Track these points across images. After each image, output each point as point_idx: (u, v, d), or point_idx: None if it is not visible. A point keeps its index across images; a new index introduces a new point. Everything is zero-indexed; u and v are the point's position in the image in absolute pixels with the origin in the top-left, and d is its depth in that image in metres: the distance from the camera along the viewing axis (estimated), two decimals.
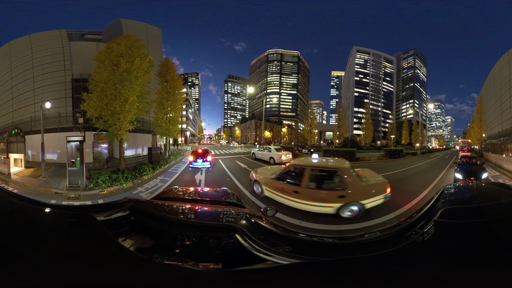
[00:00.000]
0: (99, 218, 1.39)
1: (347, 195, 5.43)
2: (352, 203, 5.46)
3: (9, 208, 1.31)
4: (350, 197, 5.43)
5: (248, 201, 6.72)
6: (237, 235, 1.30)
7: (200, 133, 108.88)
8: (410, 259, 0.99)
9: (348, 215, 5.50)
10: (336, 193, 5.50)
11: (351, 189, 5.49)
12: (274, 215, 2.53)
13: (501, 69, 38.46)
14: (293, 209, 5.97)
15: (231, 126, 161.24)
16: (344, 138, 55.56)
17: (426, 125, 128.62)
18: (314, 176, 5.88)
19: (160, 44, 30.44)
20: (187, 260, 1.17)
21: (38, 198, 2.94)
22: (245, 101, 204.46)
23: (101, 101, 11.70)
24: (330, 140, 73.52)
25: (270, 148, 19.15)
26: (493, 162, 21.31)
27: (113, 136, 12.22)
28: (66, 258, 0.92)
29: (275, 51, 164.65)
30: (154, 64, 14.99)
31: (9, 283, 0.72)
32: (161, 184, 10.24)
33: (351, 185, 5.55)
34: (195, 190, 3.31)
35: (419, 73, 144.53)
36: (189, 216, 1.92)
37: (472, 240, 1.03)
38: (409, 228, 1.27)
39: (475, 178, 9.48)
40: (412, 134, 76.23)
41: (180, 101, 21.07)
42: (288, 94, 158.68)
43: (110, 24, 26.30)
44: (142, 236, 1.41)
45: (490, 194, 1.95)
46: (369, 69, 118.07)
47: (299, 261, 1.10)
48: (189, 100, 77.46)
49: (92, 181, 9.58)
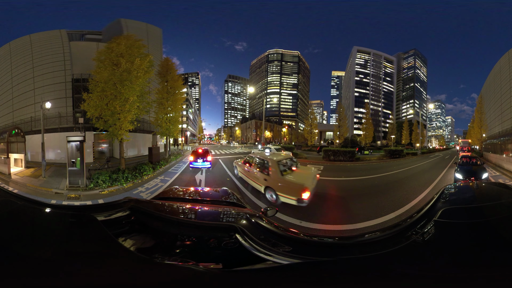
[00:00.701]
0: (99, 218, 1.39)
1: (268, 180, 7.15)
2: (270, 188, 6.98)
3: (9, 208, 1.31)
4: (268, 183, 7.08)
5: (248, 201, 6.73)
6: (238, 235, 1.30)
7: (201, 133, 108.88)
8: (410, 259, 0.99)
9: (268, 197, 7.08)
10: (263, 176, 7.37)
11: (271, 177, 7.06)
12: (274, 215, 2.53)
13: (501, 69, 38.44)
14: (294, 209, 6.10)
15: (232, 126, 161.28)
16: (345, 138, 55.48)
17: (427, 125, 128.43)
18: (257, 162, 8.29)
19: (160, 44, 30.44)
20: (188, 260, 1.17)
21: (38, 198, 2.95)
22: (245, 101, 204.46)
23: (101, 101, 11.70)
24: (330, 140, 73.50)
25: (270, 148, 19.13)
26: (493, 162, 21.30)
27: (113, 136, 12.23)
28: (66, 258, 0.92)
29: (275, 51, 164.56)
30: (154, 64, 14.99)
31: (9, 283, 0.72)
32: (161, 184, 10.25)
33: (272, 174, 7.08)
34: (196, 190, 3.31)
35: (419, 73, 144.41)
36: (189, 216, 1.92)
37: (473, 240, 1.03)
38: (409, 228, 1.26)
39: (475, 178, 9.47)
40: (412, 134, 76.20)
41: (180, 101, 21.06)
42: (289, 94, 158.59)
43: (110, 24, 26.33)
44: (142, 236, 1.41)
45: (491, 194, 1.95)
46: (369, 69, 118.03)
47: (299, 261, 1.10)
48: (189, 100, 77.47)
49: (93, 181, 9.59)
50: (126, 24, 24.63)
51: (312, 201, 6.45)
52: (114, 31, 22.56)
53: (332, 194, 8.45)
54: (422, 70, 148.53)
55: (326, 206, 6.85)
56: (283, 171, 7.13)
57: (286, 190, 6.44)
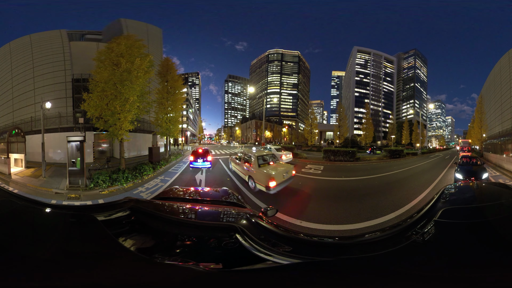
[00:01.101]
0: (99, 218, 1.39)
1: (249, 170, 8.93)
2: (251, 177, 8.74)
3: (10, 208, 1.31)
4: (250, 173, 8.85)
5: (248, 201, 6.73)
6: (238, 235, 1.30)
7: (201, 133, 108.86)
8: (410, 259, 0.99)
9: (250, 184, 8.86)
10: (247, 167, 9.22)
11: (251, 168, 8.75)
12: (274, 215, 2.53)
13: (502, 70, 38.44)
14: (293, 209, 6.14)
15: (232, 126, 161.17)
16: (345, 138, 55.51)
17: (427, 125, 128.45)
18: (244, 157, 10.01)
19: (160, 44, 30.45)
20: (188, 260, 1.17)
21: (38, 198, 2.95)
22: (245, 101, 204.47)
23: (102, 101, 11.71)
24: (330, 140, 73.52)
25: (270, 148, 19.06)
26: (494, 162, 21.29)
27: (113, 136, 12.23)
28: (66, 258, 0.92)
29: (275, 51, 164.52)
30: (154, 64, 14.99)
31: (10, 283, 0.72)
32: (161, 184, 10.25)
33: (252, 166, 8.77)
34: (196, 190, 3.31)
35: (419, 73, 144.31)
36: (189, 216, 1.93)
37: (473, 240, 1.03)
38: (410, 228, 1.26)
39: (475, 178, 9.46)
40: (412, 134, 76.21)
41: (180, 101, 21.06)
42: (289, 94, 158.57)
43: (110, 24, 26.32)
44: (142, 236, 1.41)
45: (491, 194, 1.95)
46: (369, 69, 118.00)
47: (299, 261, 1.10)
48: (189, 100, 77.49)
49: (93, 181, 9.59)
50: (126, 24, 24.64)
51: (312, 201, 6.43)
52: (114, 31, 22.57)
53: (336, 195, 8.45)
54: (422, 70, 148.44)
55: (327, 206, 6.86)
56: (261, 164, 8.80)
57: (259, 179, 8.06)
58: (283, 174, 8.17)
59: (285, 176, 8.30)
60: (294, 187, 9.10)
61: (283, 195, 7.81)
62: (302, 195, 8.10)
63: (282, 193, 7.98)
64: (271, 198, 7.39)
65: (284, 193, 8.01)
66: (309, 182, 10.65)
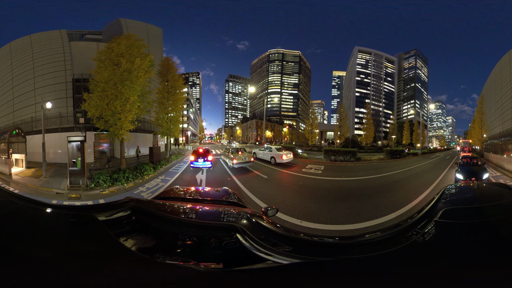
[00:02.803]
0: (100, 218, 1.39)
1: (229, 156, 15.05)
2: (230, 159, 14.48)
3: (10, 209, 1.31)
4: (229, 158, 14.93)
5: (249, 201, 6.73)
6: (238, 235, 1.30)
7: (201, 132, 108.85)
8: (410, 259, 0.99)
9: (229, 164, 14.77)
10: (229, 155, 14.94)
11: (230, 155, 14.72)
12: (275, 214, 2.53)
13: (502, 70, 38.38)
14: (294, 209, 6.15)
15: (232, 126, 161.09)
16: (345, 138, 55.44)
17: (427, 125, 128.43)
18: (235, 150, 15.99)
19: (160, 43, 30.45)
20: (189, 260, 1.17)
21: (39, 198, 2.95)
22: (246, 100, 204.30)
23: (102, 101, 11.72)
24: (331, 140, 73.42)
25: (271, 148, 18.93)
26: (494, 163, 21.25)
27: (114, 136, 12.25)
28: (67, 258, 0.92)
29: (276, 51, 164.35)
30: (154, 63, 15.01)
31: (10, 283, 0.73)
32: (162, 184, 10.26)
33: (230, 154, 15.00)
34: (196, 190, 3.31)
35: (420, 74, 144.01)
36: (190, 216, 1.93)
37: (473, 240, 1.03)
38: (410, 228, 1.26)
39: (476, 178, 9.44)
40: (413, 134, 76.02)
41: (181, 100, 21.08)
42: (289, 94, 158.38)
43: (110, 24, 26.32)
44: (143, 236, 1.41)
45: (491, 194, 1.94)
46: (370, 69, 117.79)
47: (299, 261, 1.10)
48: (190, 99, 77.41)
49: (93, 181, 9.60)
50: (126, 24, 24.63)
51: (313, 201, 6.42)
52: (114, 31, 22.56)
53: (336, 195, 8.45)
54: (423, 71, 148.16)
55: (327, 206, 6.86)
56: (233, 152, 15.46)
57: (231, 160, 14.22)
58: (242, 158, 14.51)
59: (244, 159, 14.48)
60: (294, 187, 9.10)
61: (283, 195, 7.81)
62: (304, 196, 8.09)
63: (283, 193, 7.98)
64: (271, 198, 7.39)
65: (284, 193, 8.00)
66: (309, 182, 10.66)
